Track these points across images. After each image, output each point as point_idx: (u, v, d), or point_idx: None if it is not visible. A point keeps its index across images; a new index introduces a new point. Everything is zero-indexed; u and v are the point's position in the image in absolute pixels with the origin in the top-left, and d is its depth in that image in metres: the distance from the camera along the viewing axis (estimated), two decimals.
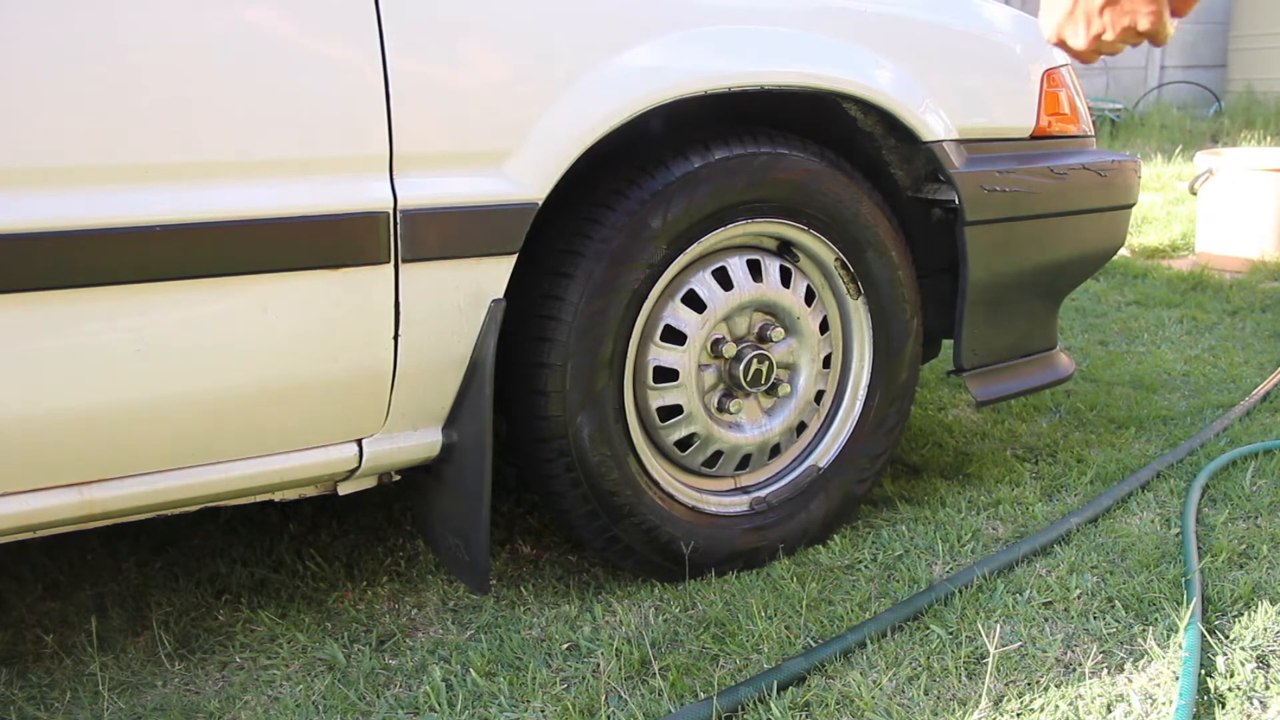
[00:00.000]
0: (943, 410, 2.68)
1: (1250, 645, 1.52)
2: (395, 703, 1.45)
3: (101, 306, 1.22)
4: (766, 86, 1.63)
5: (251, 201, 1.27)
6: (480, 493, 1.50)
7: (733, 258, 1.74)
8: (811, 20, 1.70)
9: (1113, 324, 3.53)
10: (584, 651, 1.56)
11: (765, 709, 1.40)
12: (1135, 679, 1.46)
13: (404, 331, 1.41)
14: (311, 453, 1.44)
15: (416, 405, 1.49)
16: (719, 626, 1.60)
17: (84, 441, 1.28)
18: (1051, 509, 2.04)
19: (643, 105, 1.51)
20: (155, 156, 1.22)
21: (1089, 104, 2.15)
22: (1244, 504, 2.01)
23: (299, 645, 1.60)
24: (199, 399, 1.32)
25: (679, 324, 1.69)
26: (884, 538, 1.92)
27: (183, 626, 1.66)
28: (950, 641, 1.54)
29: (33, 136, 1.15)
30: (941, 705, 1.41)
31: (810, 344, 1.83)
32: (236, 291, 1.29)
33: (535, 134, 1.44)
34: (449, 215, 1.40)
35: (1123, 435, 2.44)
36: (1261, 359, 3.06)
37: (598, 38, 1.50)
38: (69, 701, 1.47)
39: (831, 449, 1.91)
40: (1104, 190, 2.09)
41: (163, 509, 1.42)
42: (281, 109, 1.28)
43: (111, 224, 1.19)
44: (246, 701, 1.46)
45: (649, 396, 1.70)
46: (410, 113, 1.35)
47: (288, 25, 1.28)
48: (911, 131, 1.78)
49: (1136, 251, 4.62)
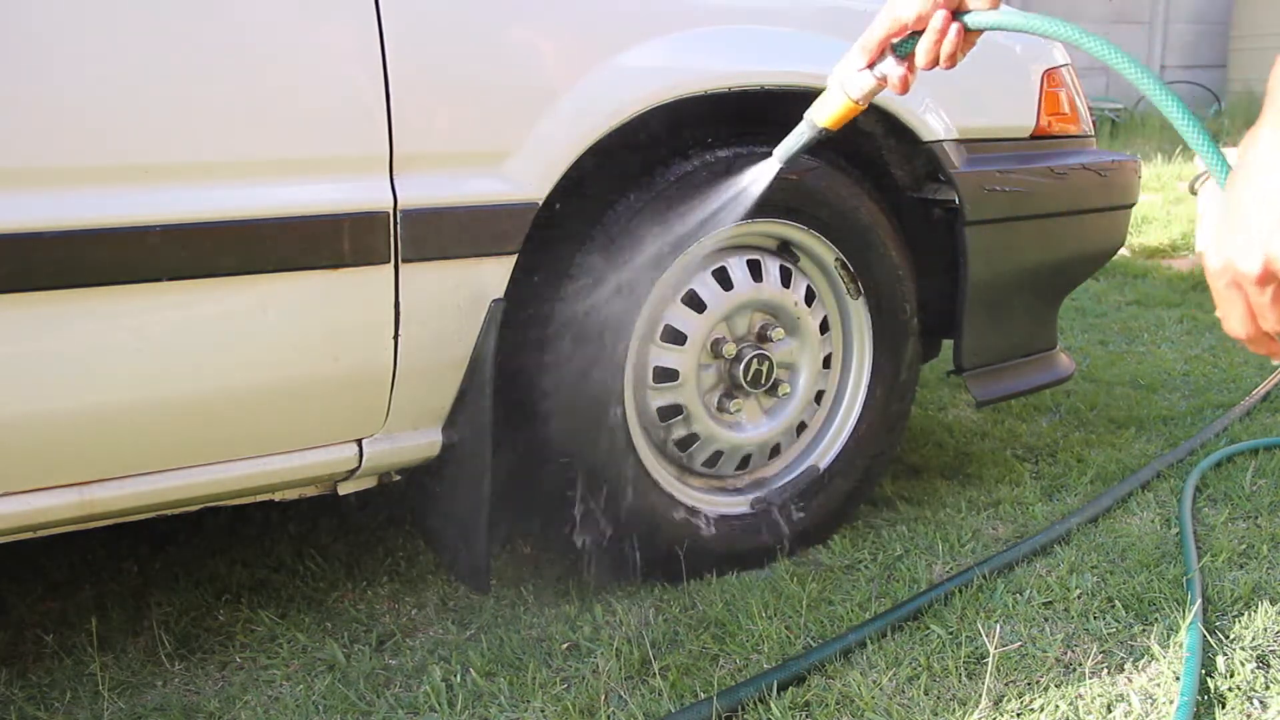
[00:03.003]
0: (943, 410, 2.68)
1: (1250, 645, 1.52)
2: (395, 703, 1.45)
3: (101, 306, 1.21)
4: (767, 86, 1.63)
5: (251, 201, 1.27)
6: (480, 493, 1.50)
7: (733, 258, 1.73)
8: (811, 20, 1.70)
9: (1113, 324, 3.53)
10: (584, 651, 1.56)
11: (765, 709, 1.40)
12: (1135, 679, 1.46)
13: (404, 331, 1.41)
14: (311, 453, 1.44)
15: (416, 405, 1.49)
16: (719, 626, 1.60)
17: (84, 441, 1.28)
18: (1051, 509, 2.04)
19: (643, 105, 1.51)
20: (155, 156, 1.22)
21: (1089, 104, 2.15)
22: (1244, 504, 2.01)
23: (299, 645, 1.60)
24: (199, 399, 1.32)
25: (679, 324, 1.69)
26: (884, 538, 1.92)
27: (183, 626, 1.66)
28: (950, 641, 1.54)
29: (33, 136, 1.15)
30: (941, 705, 1.41)
31: (810, 344, 1.83)
32: (237, 291, 1.29)
33: (535, 134, 1.44)
34: (449, 215, 1.40)
35: (1123, 435, 2.44)
36: (1261, 359, 3.05)
37: (598, 38, 1.50)
38: (69, 701, 1.47)
39: (832, 449, 1.91)
40: (1104, 190, 2.09)
41: (163, 509, 1.42)
42: (281, 109, 1.28)
43: (111, 224, 1.19)
44: (246, 701, 1.46)
45: (649, 396, 1.70)
46: (410, 112, 1.34)
47: (288, 25, 1.28)
48: (912, 131, 1.78)
49: (1136, 251, 4.62)
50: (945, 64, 1.11)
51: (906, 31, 1.13)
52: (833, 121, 1.22)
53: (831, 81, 1.21)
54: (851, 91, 1.18)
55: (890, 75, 1.15)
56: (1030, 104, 1.96)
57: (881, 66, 1.16)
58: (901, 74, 1.15)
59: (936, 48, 1.10)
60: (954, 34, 1.09)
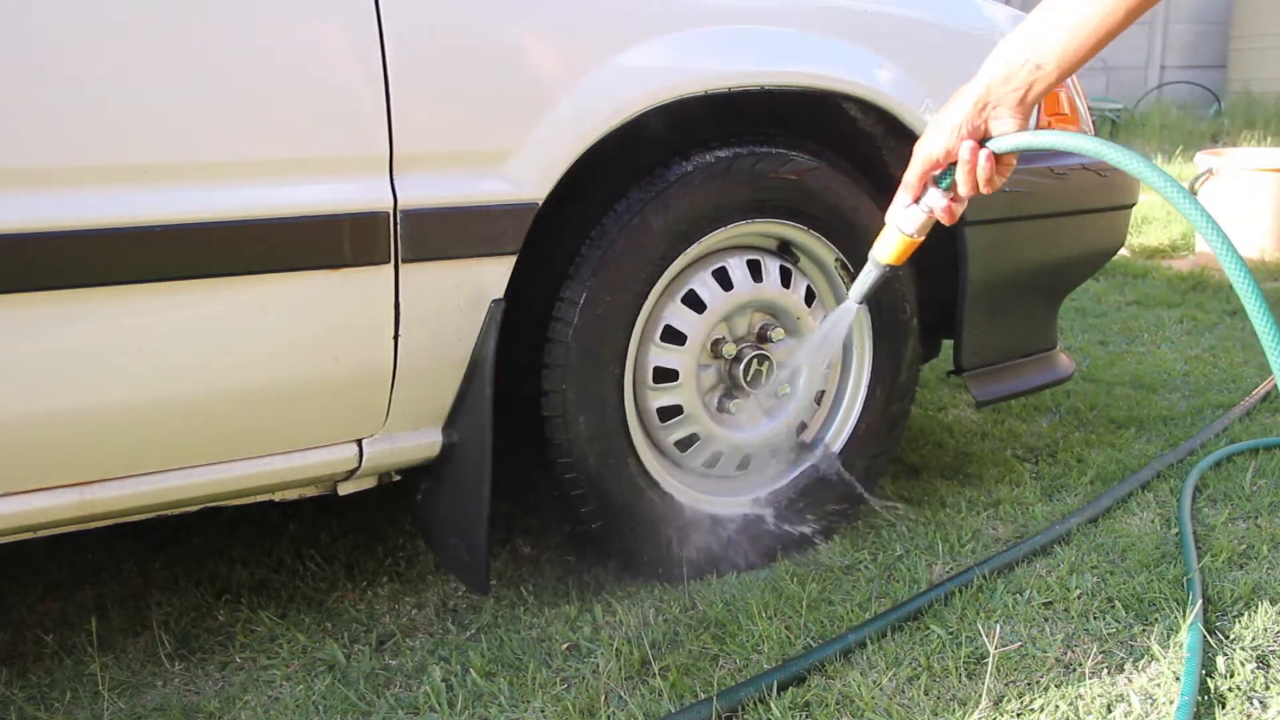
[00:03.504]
0: (943, 410, 2.68)
1: (1250, 645, 1.52)
2: (395, 703, 1.45)
3: (101, 306, 1.22)
4: (767, 86, 1.63)
5: (251, 201, 1.27)
6: (480, 493, 1.50)
7: (733, 258, 1.73)
8: (811, 20, 1.70)
9: (1113, 324, 3.53)
10: (584, 651, 1.56)
11: (765, 709, 1.40)
12: (1135, 679, 1.46)
13: (404, 331, 1.41)
14: (311, 453, 1.44)
15: (416, 405, 1.49)
16: (719, 626, 1.60)
17: (84, 441, 1.28)
18: (1051, 509, 2.04)
19: (643, 105, 1.51)
20: (155, 156, 1.22)
21: (1089, 104, 2.15)
22: (1244, 504, 2.01)
23: (299, 645, 1.60)
24: (199, 399, 1.32)
25: (679, 324, 1.69)
26: (884, 538, 1.92)
27: (183, 626, 1.66)
28: (950, 641, 1.54)
29: (33, 136, 1.15)
30: (941, 705, 1.41)
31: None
32: (237, 291, 1.29)
33: (535, 134, 1.44)
34: (449, 215, 1.40)
35: (1123, 435, 2.44)
36: (1261, 359, 3.05)
37: (598, 38, 1.50)
38: (69, 701, 1.47)
39: (832, 449, 1.91)
40: (1104, 190, 2.09)
41: (163, 509, 1.42)
42: (281, 109, 1.28)
43: (111, 224, 1.19)
44: (246, 701, 1.46)
45: (649, 396, 1.70)
46: (410, 113, 1.34)
47: (288, 25, 1.28)
48: (912, 131, 1.78)
49: (1136, 251, 4.62)
50: (986, 189, 1.16)
51: (940, 166, 1.18)
52: (895, 258, 1.27)
53: (888, 219, 1.26)
54: (906, 229, 1.24)
55: (935, 208, 1.21)
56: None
57: (927, 200, 1.21)
58: (945, 205, 1.20)
59: (972, 177, 1.16)
60: (984, 160, 1.14)
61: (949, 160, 1.17)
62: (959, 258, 1.88)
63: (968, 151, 1.14)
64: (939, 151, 1.17)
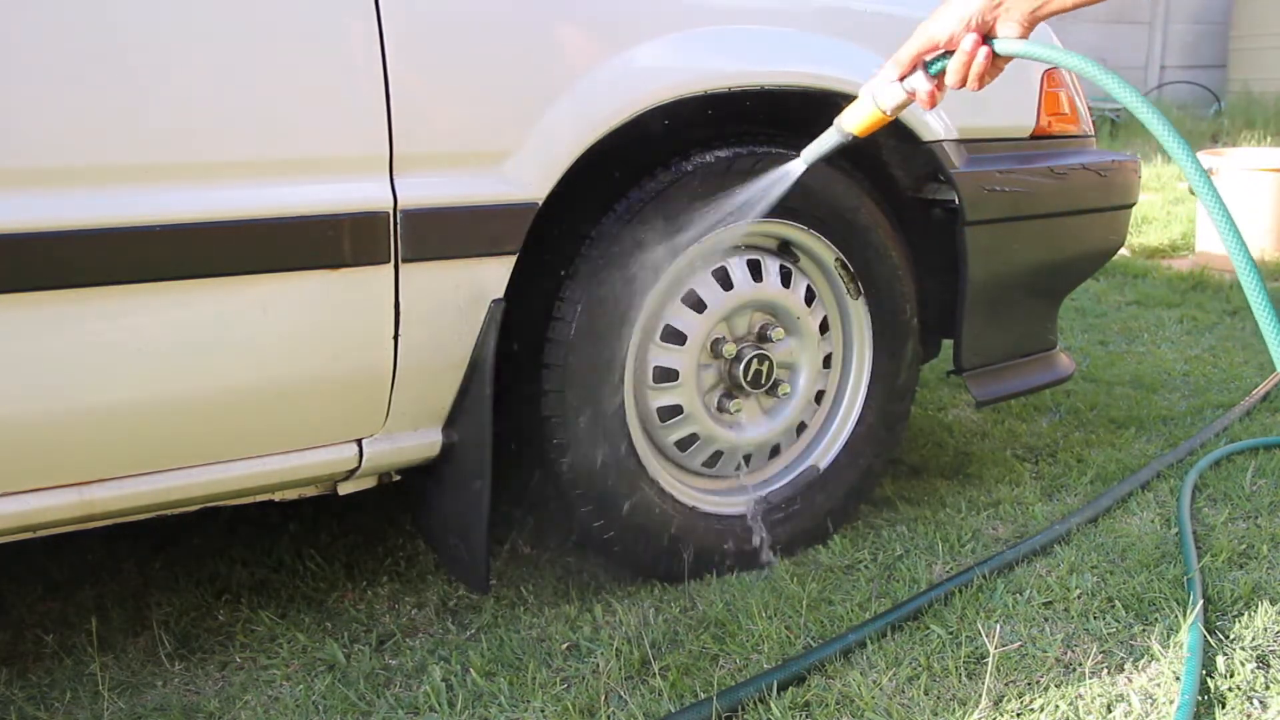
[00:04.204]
0: (943, 410, 2.68)
1: (1250, 645, 1.52)
2: (395, 703, 1.45)
3: (101, 306, 1.22)
4: (767, 86, 1.63)
5: (251, 201, 1.27)
6: (480, 493, 1.51)
7: (733, 257, 1.73)
8: (811, 20, 1.70)
9: (1113, 324, 3.53)
10: (584, 651, 1.56)
11: (765, 709, 1.40)
12: (1135, 679, 1.46)
13: (404, 331, 1.41)
14: (311, 453, 1.44)
15: (416, 405, 1.49)
16: (719, 626, 1.60)
17: (84, 441, 1.28)
18: (1051, 509, 2.04)
19: (643, 105, 1.51)
20: (155, 156, 1.22)
21: (1089, 104, 2.15)
22: (1244, 504, 2.01)
23: (299, 645, 1.60)
24: (199, 399, 1.32)
25: (679, 324, 1.69)
26: (884, 538, 1.92)
27: (183, 626, 1.66)
28: (950, 641, 1.54)
29: (33, 136, 1.15)
30: (941, 705, 1.41)
31: (810, 344, 1.83)
32: (237, 291, 1.29)
33: (535, 134, 1.44)
34: (449, 215, 1.40)
35: (1123, 435, 2.44)
36: (1261, 359, 3.06)
37: (598, 38, 1.50)
38: (69, 701, 1.47)
39: (832, 449, 1.91)
40: (1104, 190, 2.08)
41: (163, 509, 1.42)
42: (281, 109, 1.28)
43: (111, 224, 1.19)
44: (246, 701, 1.46)
45: (649, 396, 1.70)
46: (410, 113, 1.34)
47: (288, 25, 1.28)
48: (911, 132, 1.78)
49: (1136, 251, 4.62)
50: (973, 85, 1.18)
51: (939, 50, 1.19)
52: (861, 129, 1.27)
53: (863, 91, 1.26)
54: (882, 102, 1.24)
55: (919, 90, 1.22)
56: (1030, 104, 1.96)
57: (911, 81, 1.22)
58: (930, 90, 1.21)
59: (965, 68, 1.17)
60: (982, 57, 1.16)
61: (950, 47, 1.18)
62: (959, 258, 1.88)
63: (970, 43, 1.15)
64: (943, 36, 1.17)
